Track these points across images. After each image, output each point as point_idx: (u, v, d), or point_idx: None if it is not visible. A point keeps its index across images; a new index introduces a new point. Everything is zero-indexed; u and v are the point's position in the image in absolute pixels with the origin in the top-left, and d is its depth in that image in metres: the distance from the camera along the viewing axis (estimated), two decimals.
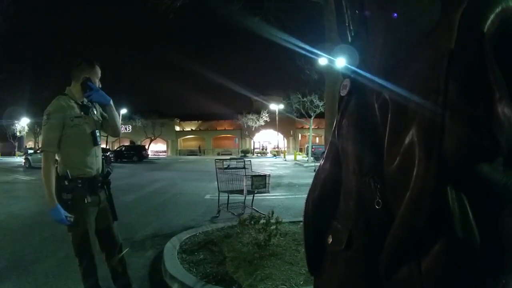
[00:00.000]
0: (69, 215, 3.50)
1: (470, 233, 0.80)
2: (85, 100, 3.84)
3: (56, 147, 3.64)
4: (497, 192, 0.80)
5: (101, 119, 4.02)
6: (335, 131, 1.21)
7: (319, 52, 11.01)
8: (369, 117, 1.04)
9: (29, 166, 33.52)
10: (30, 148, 52.44)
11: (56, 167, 3.68)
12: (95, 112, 3.95)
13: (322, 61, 11.00)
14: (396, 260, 0.91)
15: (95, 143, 3.82)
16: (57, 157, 3.69)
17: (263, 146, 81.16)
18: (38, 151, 36.98)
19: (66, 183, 3.58)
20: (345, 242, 1.09)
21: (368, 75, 1.06)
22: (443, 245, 0.82)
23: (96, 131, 3.86)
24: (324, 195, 1.25)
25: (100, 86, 3.92)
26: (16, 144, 71.44)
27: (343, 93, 1.16)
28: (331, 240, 1.17)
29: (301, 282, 4.64)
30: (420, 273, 0.85)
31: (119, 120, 4.15)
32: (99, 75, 3.94)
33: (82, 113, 3.78)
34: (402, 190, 0.87)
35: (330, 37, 8.51)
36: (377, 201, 0.99)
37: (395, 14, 0.99)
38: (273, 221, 6.54)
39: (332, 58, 8.57)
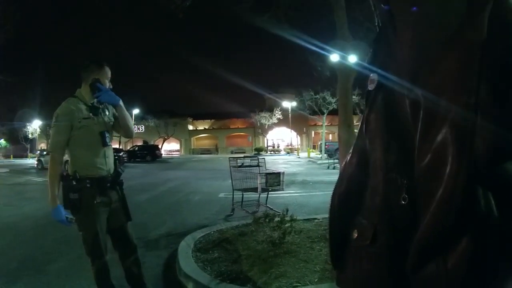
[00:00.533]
0: (71, 216, 3.57)
1: (495, 232, 0.81)
2: (95, 101, 3.82)
3: (62, 149, 3.72)
4: None
5: (112, 120, 4.01)
6: (362, 125, 1.20)
7: (330, 49, 10.96)
8: (397, 113, 1.05)
9: (42, 168, 33.70)
10: (43, 150, 53.05)
11: (67, 167, 3.75)
12: (106, 113, 3.95)
13: (334, 57, 10.94)
14: (424, 256, 0.91)
15: (104, 144, 3.81)
16: (67, 158, 3.73)
17: (273, 144, 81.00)
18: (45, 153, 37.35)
19: (74, 183, 3.61)
20: (370, 238, 1.09)
21: (394, 72, 1.07)
22: (469, 242, 0.82)
23: (106, 132, 3.84)
24: (350, 190, 1.24)
25: (111, 87, 3.92)
26: (28, 146, 72.08)
27: (371, 87, 1.15)
28: (356, 235, 1.16)
29: (316, 280, 4.61)
30: (446, 270, 0.85)
31: (130, 121, 4.14)
32: (109, 75, 3.93)
33: (91, 114, 3.79)
34: (433, 187, 0.87)
35: (341, 34, 8.44)
36: (403, 197, 0.99)
37: (415, 8, 0.98)
38: (287, 218, 6.53)
39: (344, 55, 8.51)
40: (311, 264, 5.14)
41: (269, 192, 10.06)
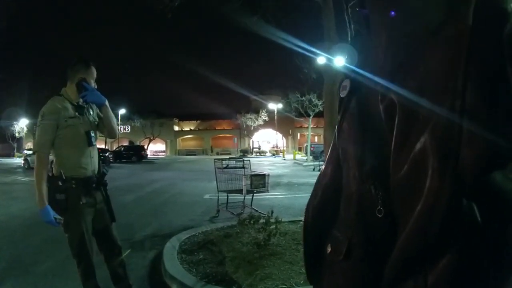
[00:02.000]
0: (59, 217, 3.52)
1: (480, 248, 0.74)
2: (81, 100, 3.80)
3: (48, 149, 3.64)
4: (509, 201, 0.72)
5: (97, 120, 3.99)
6: (335, 134, 1.16)
7: (317, 51, 11.01)
8: (371, 120, 0.97)
9: (28, 167, 33.27)
10: (29, 149, 52.38)
11: (52, 167, 3.69)
12: (91, 112, 3.93)
13: (321, 60, 10.99)
14: (402, 274, 0.83)
15: (90, 143, 3.78)
16: (52, 158, 3.68)
17: (259, 146, 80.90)
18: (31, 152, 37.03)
19: (60, 183, 3.57)
20: (344, 252, 1.04)
21: (370, 75, 1.00)
22: (452, 258, 0.75)
23: (91, 131, 3.81)
24: (325, 201, 1.20)
25: (96, 87, 3.89)
26: (15, 145, 71.33)
27: (343, 94, 1.10)
28: (330, 250, 1.11)
29: (301, 282, 4.62)
30: (426, 287, 0.78)
31: (115, 121, 4.09)
32: (95, 75, 3.91)
33: (77, 113, 3.76)
34: (411, 201, 0.79)
35: (328, 36, 8.50)
36: (379, 209, 0.93)
37: (393, 13, 0.91)
38: (272, 220, 6.54)
39: (331, 57, 8.56)
40: (297, 266, 5.14)
41: (254, 194, 10.07)
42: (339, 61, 8.60)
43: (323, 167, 1.26)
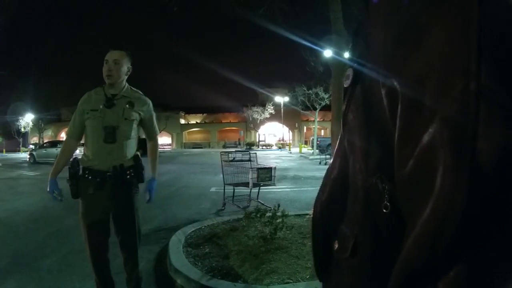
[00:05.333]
0: (58, 193, 3.62)
1: (496, 254, 0.65)
2: (114, 93, 3.75)
3: (73, 134, 3.84)
4: None
5: (134, 117, 3.80)
6: (341, 125, 1.09)
7: (324, 44, 10.96)
8: (376, 110, 0.89)
9: (34, 162, 33.47)
10: (35, 144, 52.54)
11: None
12: (127, 106, 3.75)
13: (327, 53, 10.92)
14: (408, 283, 0.73)
15: (106, 140, 3.62)
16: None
17: (264, 139, 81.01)
18: (44, 145, 37.08)
19: (77, 169, 3.69)
20: (350, 249, 0.98)
21: (371, 62, 0.92)
22: (466, 266, 0.65)
23: (114, 128, 3.65)
24: (333, 196, 1.13)
25: (130, 71, 3.90)
26: (21, 140, 71.60)
27: (346, 84, 1.03)
28: (337, 246, 1.05)
29: (307, 276, 4.59)
30: None
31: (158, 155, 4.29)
32: (115, 56, 3.76)
33: (101, 106, 3.67)
34: (418, 201, 0.70)
35: (335, 29, 8.43)
36: (385, 204, 0.85)
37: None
38: (279, 214, 6.50)
39: (338, 50, 8.49)
40: (303, 260, 5.12)
41: (261, 187, 10.06)
42: (347, 54, 8.53)
43: (331, 160, 1.20)
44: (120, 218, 3.84)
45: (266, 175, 9.83)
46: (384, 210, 0.85)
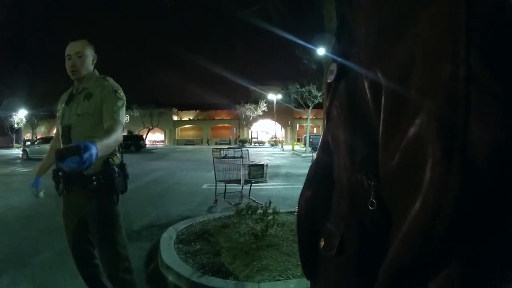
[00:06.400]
0: (36, 190, 3.47)
1: (490, 252, 0.63)
2: (76, 89, 3.35)
3: (56, 134, 3.57)
4: None
5: (92, 113, 3.20)
6: (324, 120, 1.08)
7: (318, 43, 10.97)
8: (360, 105, 0.86)
9: (27, 158, 33.22)
10: (28, 140, 52.15)
11: None
12: (84, 100, 3.23)
13: (321, 51, 10.94)
14: (397, 283, 0.71)
15: (63, 141, 3.25)
16: None
17: (257, 136, 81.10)
18: (36, 142, 36.84)
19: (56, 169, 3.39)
20: (336, 247, 0.96)
21: (354, 54, 0.90)
22: (459, 264, 0.64)
23: (70, 127, 3.23)
24: (318, 192, 1.12)
25: (95, 59, 3.44)
26: (14, 136, 71.11)
27: (330, 79, 1.00)
28: (323, 244, 1.04)
29: (298, 274, 4.60)
30: None
31: (112, 144, 2.87)
32: (76, 50, 3.29)
33: (63, 105, 3.37)
34: (405, 197, 0.67)
35: (329, 28, 8.44)
36: (371, 201, 0.83)
37: None
38: (270, 211, 6.52)
39: (331, 49, 8.51)
40: (294, 257, 5.12)
41: (252, 184, 10.06)
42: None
43: (314, 157, 1.19)
44: (91, 231, 3.31)
45: (257, 172, 9.83)
46: (370, 207, 0.83)
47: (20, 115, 67.60)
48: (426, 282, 0.66)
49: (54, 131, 3.51)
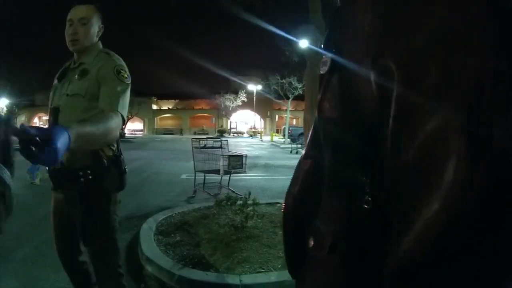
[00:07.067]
0: (32, 176, 3.01)
1: (504, 254, 0.58)
2: (73, 63, 2.84)
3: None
4: None
5: (84, 93, 2.62)
6: (316, 114, 1.03)
7: (301, 34, 10.92)
8: (356, 97, 0.83)
9: None
10: None
11: None
12: (78, 78, 2.68)
13: (303, 43, 10.91)
14: (405, 281, 0.67)
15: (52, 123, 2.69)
16: None
17: (236, 126, 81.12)
18: None
19: None
20: (328, 247, 0.91)
21: (353, 44, 0.86)
22: (478, 263, 0.59)
23: (57, 109, 2.69)
24: (306, 189, 1.08)
25: (102, 30, 2.91)
26: None
27: (323, 70, 0.96)
28: (312, 243, 0.99)
29: (279, 266, 4.61)
30: None
31: (99, 137, 2.27)
32: (81, 15, 2.74)
33: (56, 81, 2.86)
34: (421, 194, 0.63)
35: (313, 19, 8.41)
36: (366, 200, 0.79)
37: None
38: (250, 202, 6.51)
39: (315, 41, 8.47)
40: (274, 249, 5.14)
41: (231, 175, 10.07)
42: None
43: (303, 152, 1.16)
44: (80, 233, 2.81)
45: (237, 162, 9.83)
46: (365, 206, 0.80)
47: (1, 104, 66.40)
48: (439, 279, 0.62)
49: (37, 118, 3.17)
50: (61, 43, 2.94)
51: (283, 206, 1.16)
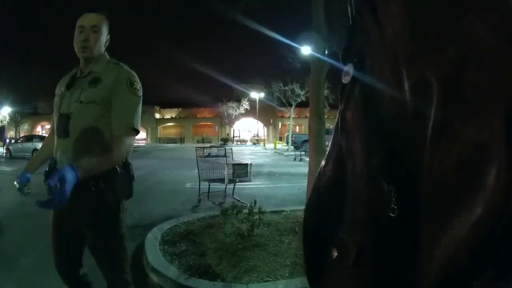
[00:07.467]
0: (21, 185, 2.86)
1: None
2: (80, 72, 2.84)
3: (52, 126, 2.98)
4: None
5: (99, 102, 2.66)
6: (337, 126, 1.00)
7: (303, 41, 10.94)
8: (380, 107, 0.82)
9: (10, 156, 32.60)
10: (12, 138, 51.47)
11: None
12: (90, 85, 2.71)
13: (306, 50, 10.92)
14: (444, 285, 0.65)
15: (58, 133, 2.74)
16: None
17: (239, 134, 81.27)
18: (19, 140, 36.23)
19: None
20: (353, 257, 0.88)
21: (379, 53, 0.84)
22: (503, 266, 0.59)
23: (68, 116, 2.68)
24: (327, 201, 1.06)
25: (108, 41, 2.95)
26: None
27: (346, 80, 0.94)
28: (336, 254, 0.96)
29: (286, 275, 4.58)
30: None
31: (105, 163, 2.50)
32: (92, 22, 2.77)
33: (63, 89, 2.84)
34: (457, 201, 0.62)
35: (316, 27, 8.39)
36: (392, 208, 0.77)
37: None
38: (256, 210, 6.48)
39: (318, 48, 8.45)
40: (281, 258, 5.11)
41: (236, 183, 10.03)
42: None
43: (323, 163, 1.12)
44: (90, 243, 2.84)
45: (242, 171, 9.80)
46: (391, 215, 0.77)
47: (4, 113, 66.61)
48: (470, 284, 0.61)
49: (40, 126, 3.17)
50: (65, 51, 2.93)
51: (303, 220, 1.13)
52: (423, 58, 0.70)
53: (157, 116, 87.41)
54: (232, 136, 78.40)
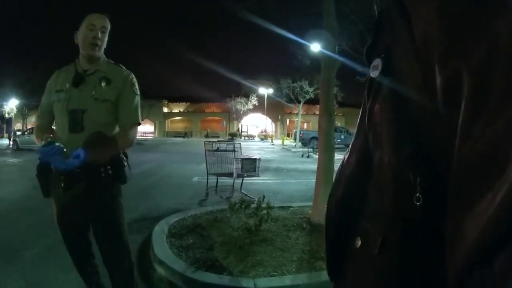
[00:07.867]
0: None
1: None
2: (88, 68, 3.03)
3: (40, 113, 3.19)
4: None
5: (111, 99, 3.00)
6: (363, 119, 1.03)
7: (313, 38, 10.87)
8: (407, 101, 0.85)
9: (17, 148, 32.76)
10: (19, 130, 51.77)
11: None
12: (102, 85, 2.98)
13: (315, 47, 10.87)
14: (471, 265, 0.65)
15: (71, 128, 2.91)
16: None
17: (247, 129, 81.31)
18: (26, 132, 36.39)
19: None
20: (378, 246, 0.90)
21: (409, 49, 0.84)
22: None
23: (83, 111, 2.90)
24: (350, 192, 1.08)
25: (105, 39, 3.08)
26: (5, 126, 70.43)
27: (374, 74, 0.96)
28: (360, 243, 0.99)
29: (293, 270, 4.57)
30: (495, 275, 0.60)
31: (123, 144, 3.15)
32: (95, 22, 2.98)
33: (68, 85, 2.98)
34: (487, 184, 0.62)
35: (327, 24, 8.33)
36: (417, 197, 0.79)
37: None
38: (264, 205, 6.47)
39: (328, 45, 8.39)
40: (288, 253, 5.10)
41: (244, 178, 10.05)
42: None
43: (346, 155, 1.14)
44: (97, 226, 3.16)
45: (250, 166, 9.82)
46: (416, 203, 0.79)
47: (11, 105, 66.94)
48: (493, 262, 0.60)
49: (35, 119, 3.20)
50: (71, 44, 3.06)
51: (326, 211, 1.16)
52: (457, 55, 0.70)
53: (165, 110, 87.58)
54: (240, 131, 78.40)
